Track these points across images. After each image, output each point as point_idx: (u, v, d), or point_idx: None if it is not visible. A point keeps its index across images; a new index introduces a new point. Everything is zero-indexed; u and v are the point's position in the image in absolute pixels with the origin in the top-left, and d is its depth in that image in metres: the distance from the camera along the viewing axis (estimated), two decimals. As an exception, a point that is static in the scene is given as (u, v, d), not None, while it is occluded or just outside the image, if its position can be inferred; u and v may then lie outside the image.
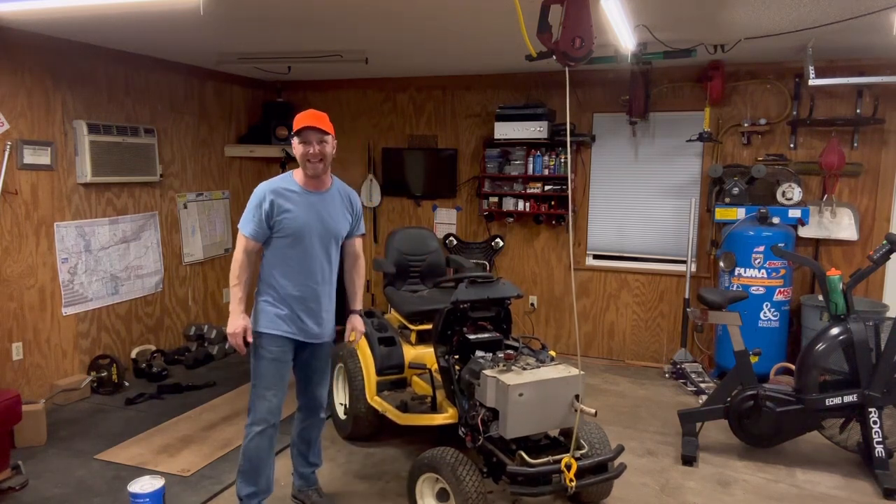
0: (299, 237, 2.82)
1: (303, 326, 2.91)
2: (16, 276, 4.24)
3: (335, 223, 2.92)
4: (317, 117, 2.79)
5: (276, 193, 2.81)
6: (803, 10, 3.45)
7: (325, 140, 2.78)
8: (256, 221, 2.80)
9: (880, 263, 3.55)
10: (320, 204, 2.88)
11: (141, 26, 4.02)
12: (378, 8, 3.56)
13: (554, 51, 2.36)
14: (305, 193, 2.86)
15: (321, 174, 2.84)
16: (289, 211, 2.80)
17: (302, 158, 2.79)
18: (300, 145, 2.77)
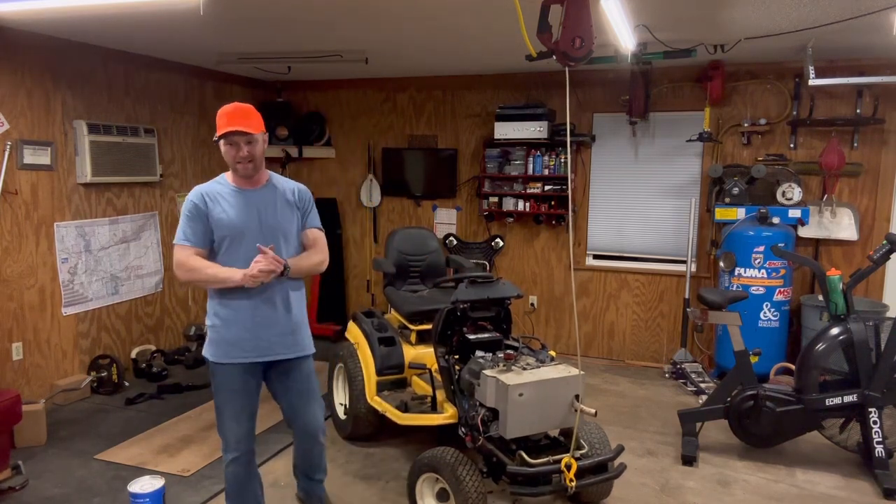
0: (238, 237, 2.58)
1: (260, 344, 2.62)
2: (16, 276, 4.24)
3: (277, 217, 2.67)
4: (242, 116, 2.54)
5: (206, 195, 2.60)
6: (803, 10, 3.45)
7: (254, 140, 2.57)
8: (188, 224, 2.58)
9: (880, 263, 3.55)
10: (257, 199, 2.65)
11: (141, 26, 4.02)
12: (378, 8, 3.56)
13: (554, 51, 2.36)
14: (238, 191, 2.65)
15: (253, 174, 2.65)
16: (222, 209, 2.59)
17: (231, 162, 2.60)
18: (226, 147, 2.56)
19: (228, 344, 2.59)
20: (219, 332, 2.61)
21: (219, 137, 2.53)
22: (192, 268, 2.54)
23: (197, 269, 2.54)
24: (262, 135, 2.60)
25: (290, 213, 2.73)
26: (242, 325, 2.59)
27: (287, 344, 2.68)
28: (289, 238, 2.71)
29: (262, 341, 2.62)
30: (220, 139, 2.54)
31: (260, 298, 2.60)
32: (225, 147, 2.56)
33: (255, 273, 2.48)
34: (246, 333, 2.60)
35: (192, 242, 2.57)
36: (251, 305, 2.60)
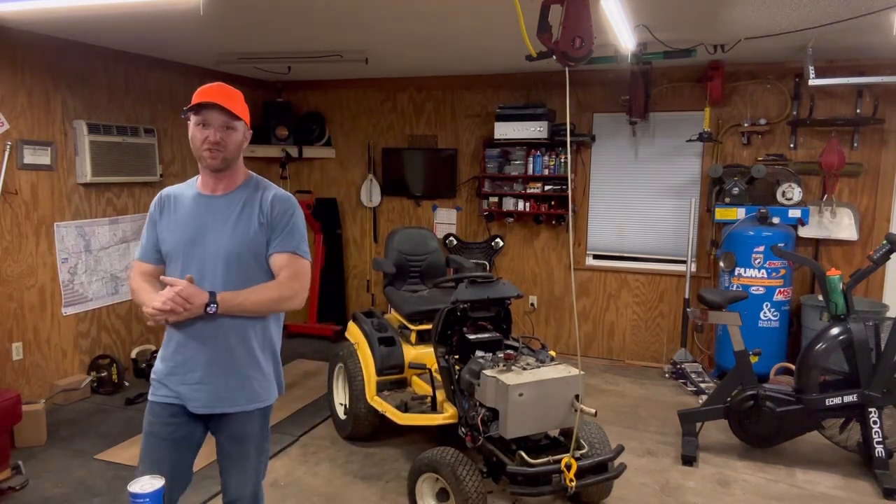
0: (172, 256, 2.08)
1: (181, 389, 2.06)
2: (16, 276, 4.24)
3: (227, 236, 2.02)
4: (224, 94, 2.00)
5: (166, 199, 2.13)
6: (803, 10, 3.45)
7: (233, 126, 2.00)
8: (144, 234, 2.17)
9: (880, 263, 3.55)
10: (214, 210, 2.05)
11: (141, 26, 4.02)
12: (378, 8, 3.56)
13: (554, 51, 2.36)
14: (200, 198, 2.09)
15: (221, 169, 2.03)
16: (171, 220, 2.09)
17: (196, 146, 2.00)
18: (196, 128, 1.99)
19: (156, 378, 2.11)
20: (159, 360, 2.13)
21: (187, 110, 1.97)
22: (132, 288, 2.14)
23: (134, 290, 2.13)
24: (243, 125, 2.04)
25: (252, 231, 2.04)
26: (175, 360, 2.07)
27: (235, 396, 2.08)
28: (244, 263, 2.03)
29: (184, 387, 2.06)
30: (190, 112, 1.97)
31: (212, 333, 2.02)
32: (195, 129, 1.99)
33: (148, 310, 1.95)
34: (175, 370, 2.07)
35: (141, 257, 2.14)
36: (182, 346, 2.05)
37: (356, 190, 6.50)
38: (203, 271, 2.01)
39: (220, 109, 1.96)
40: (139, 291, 2.09)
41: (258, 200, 2.07)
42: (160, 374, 2.11)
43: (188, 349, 2.05)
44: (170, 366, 2.08)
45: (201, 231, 2.04)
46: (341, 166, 6.56)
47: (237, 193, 2.08)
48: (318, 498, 3.32)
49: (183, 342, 2.06)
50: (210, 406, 2.07)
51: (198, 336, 2.03)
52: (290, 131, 6.24)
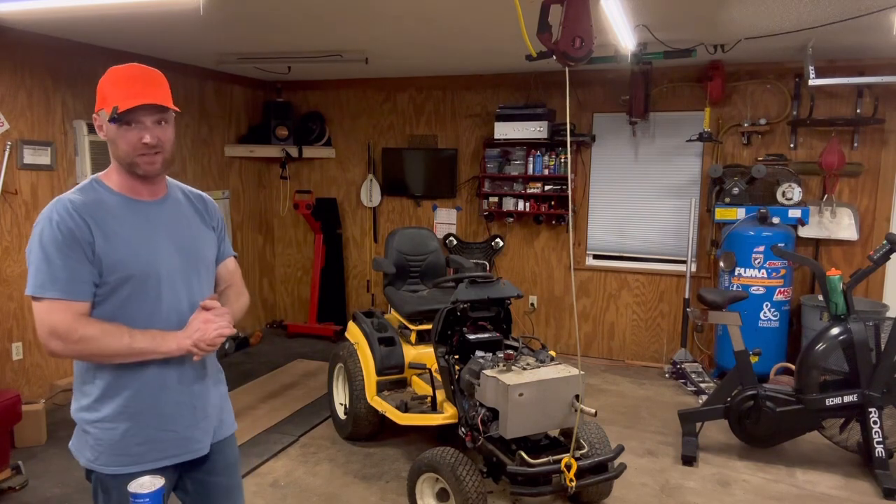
0: (145, 279, 1.63)
1: (185, 434, 1.72)
2: (16, 276, 4.24)
3: (196, 242, 1.79)
4: (151, 83, 1.68)
5: (83, 212, 1.59)
6: (803, 10, 3.45)
7: (168, 119, 1.67)
8: (59, 261, 1.54)
9: (880, 263, 3.55)
10: (163, 217, 1.73)
11: (141, 26, 4.02)
12: (378, 8, 3.56)
13: (554, 51, 2.36)
14: (132, 204, 1.68)
15: (160, 173, 1.71)
16: (117, 236, 1.61)
17: (127, 153, 1.63)
18: (123, 130, 1.61)
19: (137, 444, 1.65)
20: (115, 427, 1.64)
21: (115, 115, 1.59)
22: (84, 337, 1.54)
23: (95, 337, 1.55)
24: (173, 115, 1.70)
25: (208, 236, 1.84)
26: (157, 413, 1.66)
27: (216, 426, 1.82)
28: (210, 273, 1.84)
29: (184, 430, 1.71)
30: (116, 119, 1.60)
31: (184, 372, 1.70)
32: (119, 130, 1.61)
33: (214, 336, 1.64)
34: (165, 423, 1.68)
35: (73, 294, 1.55)
36: (169, 376, 1.68)
37: (356, 190, 6.50)
38: (189, 280, 1.73)
39: (152, 107, 1.61)
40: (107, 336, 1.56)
41: (194, 203, 1.84)
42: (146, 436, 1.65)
43: (183, 387, 1.70)
44: (164, 414, 1.67)
45: (173, 238, 1.71)
46: (341, 166, 6.56)
47: (172, 197, 1.79)
48: (318, 498, 3.32)
49: (177, 377, 1.68)
50: (219, 433, 1.83)
51: (193, 366, 1.72)
52: (290, 131, 6.24)
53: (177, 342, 1.61)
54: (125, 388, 1.63)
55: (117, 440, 1.64)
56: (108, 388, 1.64)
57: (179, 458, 1.71)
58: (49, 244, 1.54)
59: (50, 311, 1.54)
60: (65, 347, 1.56)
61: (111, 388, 1.63)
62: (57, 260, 1.54)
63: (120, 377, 1.63)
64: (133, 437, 1.64)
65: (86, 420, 1.67)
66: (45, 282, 1.54)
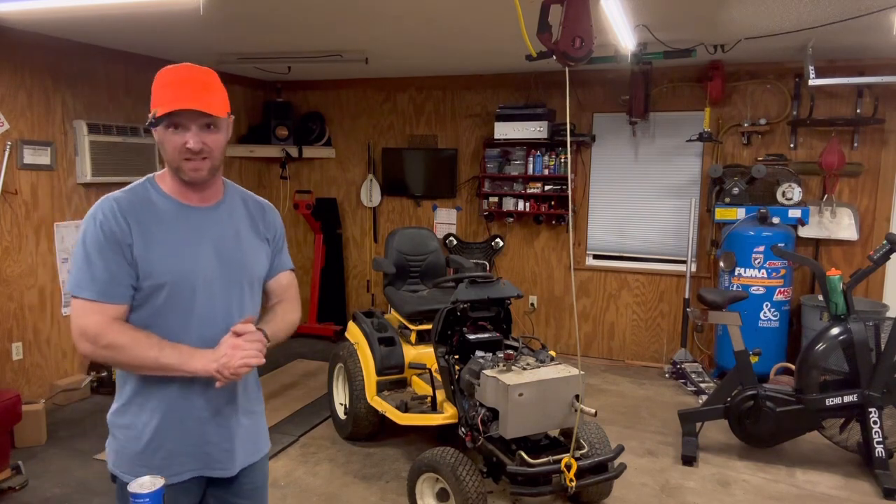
0: (181, 288, 1.56)
1: (206, 450, 1.65)
2: (16, 276, 4.24)
3: (244, 255, 1.69)
4: (200, 87, 1.60)
5: (127, 213, 1.55)
6: (803, 10, 3.45)
7: (216, 125, 1.58)
8: (98, 261, 1.51)
9: (880, 263, 3.55)
10: (211, 225, 1.65)
11: (141, 26, 4.02)
12: (378, 8, 3.56)
13: (554, 51, 2.36)
14: (182, 209, 1.62)
15: (207, 180, 1.62)
16: (157, 241, 1.56)
17: (173, 157, 1.57)
18: (168, 133, 1.56)
19: (160, 457, 1.61)
20: (138, 436, 1.61)
21: (160, 117, 1.54)
22: (113, 344, 1.50)
23: (123, 346, 1.50)
24: (227, 120, 1.64)
25: (259, 248, 1.74)
26: (180, 428, 1.61)
27: (248, 448, 1.74)
28: (254, 287, 1.73)
29: (211, 447, 1.65)
30: (161, 120, 1.54)
31: (207, 383, 1.60)
32: (165, 133, 1.56)
33: (238, 365, 1.52)
34: (188, 439, 1.63)
35: (109, 297, 1.51)
36: (195, 393, 1.61)
37: (356, 190, 6.50)
38: (229, 294, 1.63)
39: (197, 113, 1.54)
40: (137, 346, 1.50)
41: (251, 211, 1.75)
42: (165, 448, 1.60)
43: (213, 405, 1.63)
44: (189, 425, 1.62)
45: (217, 248, 1.62)
46: (341, 166, 6.56)
47: (228, 203, 1.71)
48: (318, 498, 3.32)
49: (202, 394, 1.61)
50: (248, 458, 1.74)
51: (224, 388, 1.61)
52: (290, 131, 6.24)
53: (203, 363, 1.52)
54: (151, 397, 1.60)
55: (139, 450, 1.61)
56: (135, 395, 1.62)
57: (200, 472, 1.65)
58: (91, 244, 1.51)
59: (84, 312, 1.51)
60: (93, 350, 1.52)
61: (138, 396, 1.61)
62: (97, 261, 1.50)
63: (147, 387, 1.60)
64: (155, 449, 1.60)
65: (114, 423, 1.68)
66: (83, 281, 1.51)
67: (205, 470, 1.65)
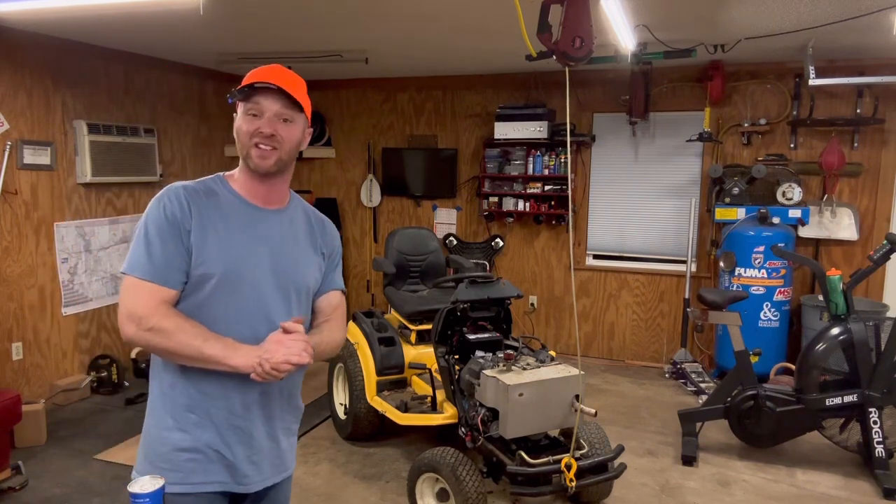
0: (229, 283, 1.51)
1: (233, 462, 1.57)
2: (16, 276, 4.24)
3: (297, 264, 1.63)
4: (287, 80, 1.57)
5: (193, 199, 1.53)
6: (803, 10, 3.45)
7: (292, 118, 1.55)
8: (157, 242, 1.47)
9: (880, 263, 3.55)
10: (272, 228, 1.61)
11: (141, 26, 4.02)
12: (378, 8, 3.56)
13: (554, 51, 2.36)
14: (248, 207, 1.59)
15: (273, 173, 1.58)
16: (216, 230, 1.52)
17: (246, 139, 1.55)
18: (245, 117, 1.55)
19: (189, 456, 1.53)
20: (177, 428, 1.54)
21: (237, 91, 1.55)
22: (158, 328, 1.44)
23: (168, 331, 1.44)
24: (304, 119, 1.60)
25: (314, 261, 1.68)
26: (214, 432, 1.54)
27: (276, 463, 1.66)
28: (302, 298, 1.65)
29: (240, 462, 1.57)
30: (239, 96, 1.55)
31: (247, 389, 1.55)
32: (242, 118, 1.55)
33: (280, 360, 1.44)
34: (219, 446, 1.55)
35: (162, 280, 1.46)
36: (232, 399, 1.55)
37: (356, 190, 6.50)
38: (275, 308, 1.57)
39: (279, 94, 1.51)
40: (179, 332, 1.44)
41: (312, 223, 1.71)
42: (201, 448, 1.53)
43: (251, 409, 1.56)
44: (229, 427, 1.54)
45: (268, 254, 1.57)
46: (341, 166, 6.56)
47: (291, 211, 1.67)
48: (318, 498, 3.32)
49: (241, 396, 1.54)
50: (275, 475, 1.65)
51: (264, 390, 1.56)
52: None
53: (245, 359, 1.45)
54: (185, 396, 1.54)
55: (167, 452, 1.53)
56: (168, 392, 1.56)
57: (226, 486, 1.56)
58: (152, 225, 1.48)
59: (134, 292, 1.46)
60: (136, 332, 1.45)
61: (172, 393, 1.55)
62: (156, 242, 1.47)
63: (183, 385, 1.54)
64: (183, 450, 1.53)
65: (147, 422, 1.61)
66: (139, 261, 1.46)
67: (231, 485, 1.57)
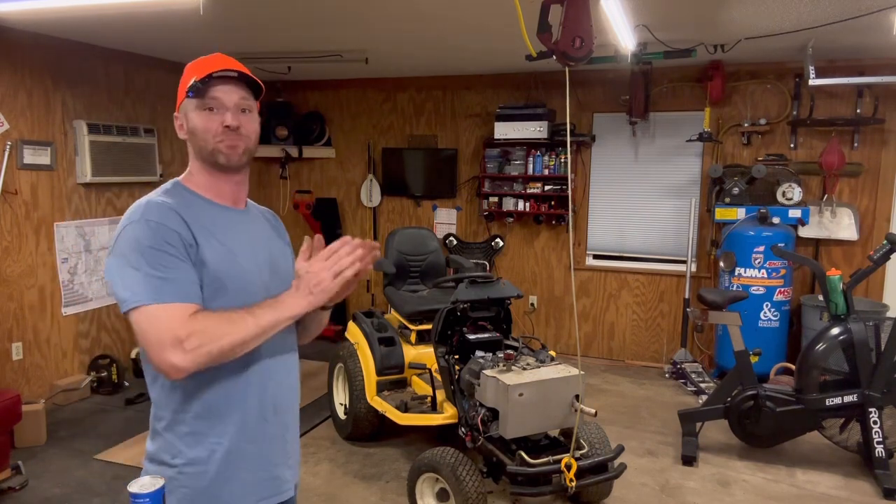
0: (237, 293, 1.39)
1: (274, 473, 1.48)
2: (16, 276, 4.24)
3: (285, 259, 1.57)
4: (232, 62, 1.46)
5: (182, 210, 1.40)
6: (803, 10, 3.45)
7: (251, 108, 1.46)
8: (180, 268, 1.33)
9: (880, 263, 3.55)
10: (253, 228, 1.54)
11: (141, 26, 4.02)
12: (378, 8, 3.56)
13: (554, 51, 2.36)
14: (225, 211, 1.48)
15: (241, 167, 1.48)
16: (218, 243, 1.41)
17: (205, 137, 1.41)
18: (200, 114, 1.41)
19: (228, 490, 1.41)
20: (204, 470, 1.39)
21: (190, 88, 1.39)
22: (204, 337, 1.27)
23: (217, 334, 1.29)
24: (257, 111, 1.50)
25: (288, 252, 1.63)
26: (253, 450, 1.43)
27: (293, 470, 1.58)
28: None
29: (279, 469, 1.50)
30: (190, 93, 1.40)
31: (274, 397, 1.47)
32: (199, 116, 1.41)
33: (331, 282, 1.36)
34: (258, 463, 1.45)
35: (183, 297, 1.31)
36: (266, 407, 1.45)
37: (356, 190, 6.50)
38: None
39: (235, 83, 1.41)
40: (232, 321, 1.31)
41: (268, 218, 1.65)
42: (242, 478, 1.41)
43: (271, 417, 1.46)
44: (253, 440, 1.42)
45: (259, 257, 1.49)
46: (341, 166, 6.56)
47: (252, 210, 1.60)
48: (318, 498, 3.32)
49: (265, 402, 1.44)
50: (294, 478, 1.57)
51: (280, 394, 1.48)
52: (290, 131, 6.24)
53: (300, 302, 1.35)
54: (219, 423, 1.39)
55: (205, 486, 1.38)
56: (196, 426, 1.39)
57: (269, 500, 1.47)
58: (151, 248, 1.31)
59: (160, 317, 1.27)
60: (187, 356, 1.26)
61: (200, 421, 1.39)
62: (163, 263, 1.31)
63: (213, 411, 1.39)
64: (225, 481, 1.39)
65: (167, 464, 1.40)
66: (153, 285, 1.28)
67: (273, 497, 1.47)
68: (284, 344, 1.49)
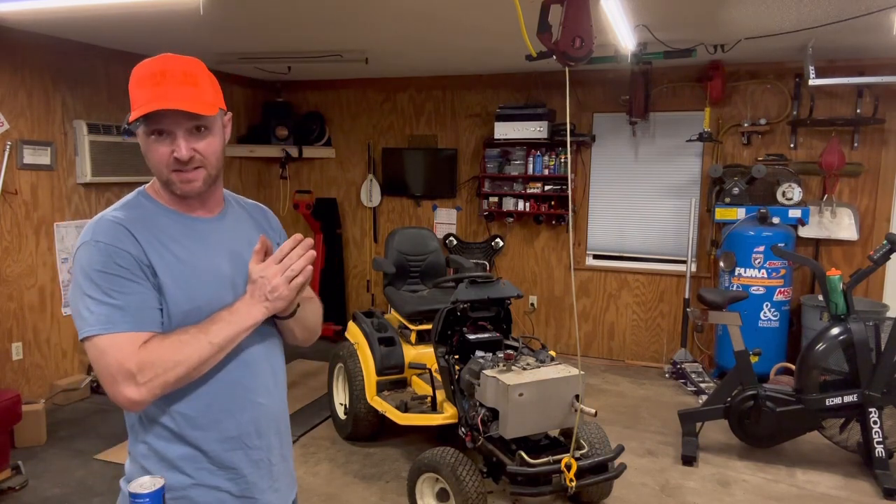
0: (201, 314, 1.28)
1: (261, 499, 1.39)
2: (16, 276, 4.24)
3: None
4: (182, 79, 1.25)
5: (136, 228, 1.28)
6: (803, 10, 3.45)
7: (208, 125, 1.29)
8: (135, 292, 1.24)
9: (880, 263, 3.55)
10: (227, 238, 1.41)
11: (141, 26, 4.02)
12: (378, 8, 3.56)
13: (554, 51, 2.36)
14: (191, 222, 1.36)
15: (204, 191, 1.35)
16: (179, 261, 1.30)
17: (161, 167, 1.29)
18: (153, 141, 1.27)
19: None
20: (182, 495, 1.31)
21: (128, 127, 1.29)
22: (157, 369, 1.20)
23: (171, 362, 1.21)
24: (220, 117, 1.34)
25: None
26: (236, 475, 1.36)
27: (282, 493, 1.47)
28: None
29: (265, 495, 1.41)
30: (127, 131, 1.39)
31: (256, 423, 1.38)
32: (147, 141, 1.28)
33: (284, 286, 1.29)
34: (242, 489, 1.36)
35: (143, 325, 1.23)
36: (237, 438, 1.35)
37: (356, 190, 6.50)
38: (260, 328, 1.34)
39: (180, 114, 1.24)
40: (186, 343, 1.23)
41: (254, 216, 1.55)
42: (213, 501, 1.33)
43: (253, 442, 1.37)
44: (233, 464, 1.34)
45: (226, 271, 1.36)
46: (341, 166, 6.56)
47: (232, 211, 1.48)
48: (318, 498, 3.32)
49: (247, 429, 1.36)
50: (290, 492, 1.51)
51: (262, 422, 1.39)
52: (290, 131, 6.24)
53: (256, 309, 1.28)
54: (197, 448, 1.31)
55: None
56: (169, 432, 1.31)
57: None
58: (99, 271, 1.22)
59: (111, 349, 1.20)
60: (140, 390, 1.19)
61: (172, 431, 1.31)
62: (116, 287, 1.22)
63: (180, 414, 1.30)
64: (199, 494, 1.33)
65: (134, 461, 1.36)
66: (103, 314, 1.20)
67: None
68: (263, 359, 1.39)
